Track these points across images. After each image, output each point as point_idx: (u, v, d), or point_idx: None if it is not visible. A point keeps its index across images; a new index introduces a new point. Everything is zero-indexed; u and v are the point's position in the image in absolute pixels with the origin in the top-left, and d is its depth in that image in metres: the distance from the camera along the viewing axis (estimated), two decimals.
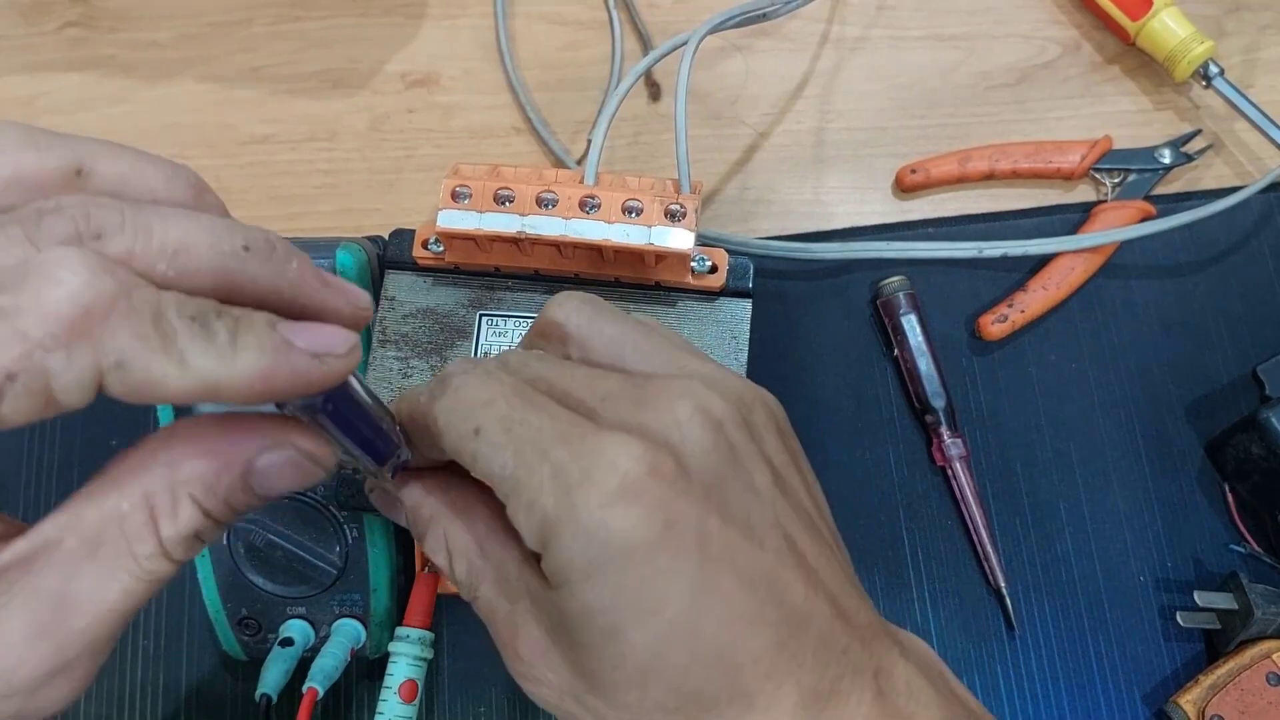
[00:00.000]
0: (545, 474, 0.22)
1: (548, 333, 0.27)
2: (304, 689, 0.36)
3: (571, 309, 0.27)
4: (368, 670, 0.42)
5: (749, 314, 0.39)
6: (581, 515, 0.22)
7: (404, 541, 0.41)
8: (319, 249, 0.38)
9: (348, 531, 0.39)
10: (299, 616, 0.40)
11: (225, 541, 0.39)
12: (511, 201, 0.37)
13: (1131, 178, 0.49)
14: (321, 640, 0.39)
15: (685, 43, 0.42)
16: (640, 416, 0.23)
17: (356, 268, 0.38)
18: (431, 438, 0.25)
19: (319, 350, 0.19)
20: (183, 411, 0.38)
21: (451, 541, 0.26)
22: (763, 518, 0.23)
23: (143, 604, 0.21)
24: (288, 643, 0.38)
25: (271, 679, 0.37)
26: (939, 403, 0.44)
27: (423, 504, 0.26)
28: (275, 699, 0.37)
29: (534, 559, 0.24)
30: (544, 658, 0.24)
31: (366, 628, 0.40)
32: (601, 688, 0.23)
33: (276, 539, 0.39)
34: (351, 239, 0.40)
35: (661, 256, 0.37)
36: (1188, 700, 0.40)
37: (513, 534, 0.25)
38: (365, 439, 0.24)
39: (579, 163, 0.49)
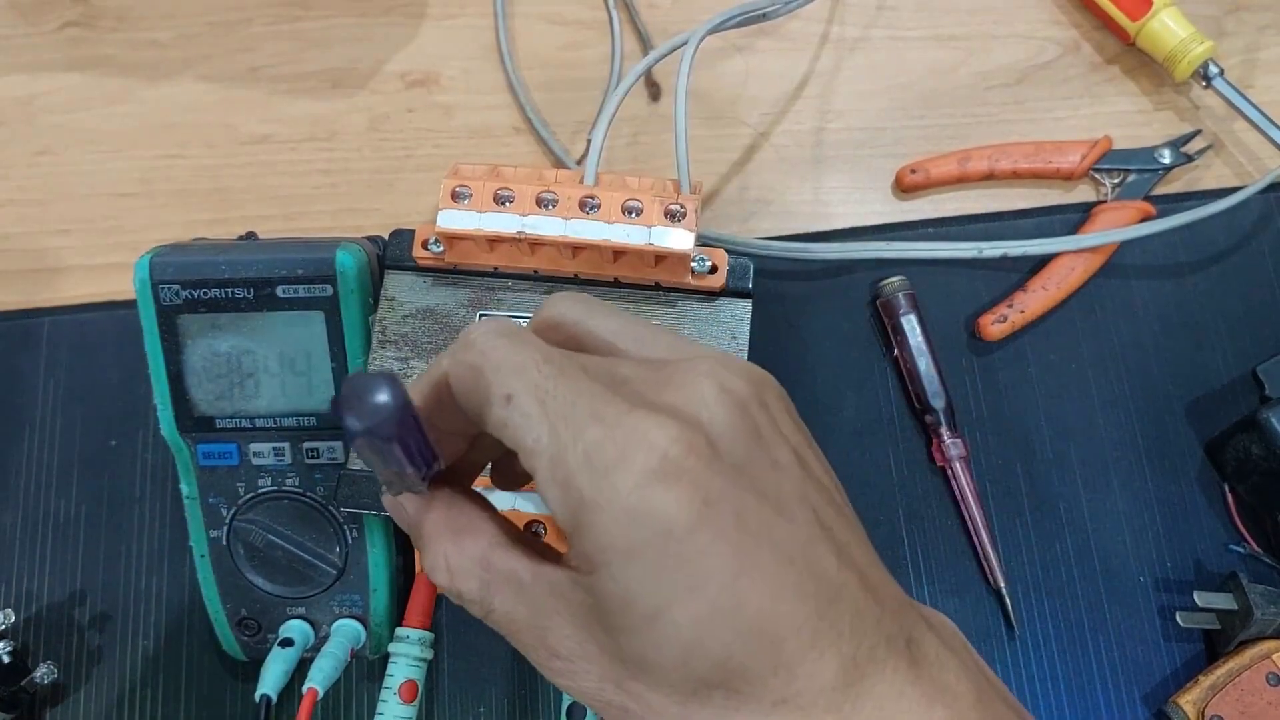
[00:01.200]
0: (580, 453, 0.22)
1: (546, 331, 0.27)
2: (304, 689, 0.36)
3: (568, 305, 0.27)
4: (368, 670, 0.42)
5: (749, 314, 0.39)
6: (620, 497, 0.21)
7: (404, 542, 0.41)
8: (319, 249, 0.38)
9: (348, 532, 0.39)
10: (299, 617, 0.40)
11: (225, 542, 0.39)
12: (511, 201, 0.37)
13: (1131, 178, 0.49)
14: (321, 641, 0.39)
15: (685, 43, 0.42)
16: (665, 397, 0.23)
17: (356, 268, 0.38)
18: (452, 404, 0.24)
19: None
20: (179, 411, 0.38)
21: (453, 559, 0.25)
22: (791, 493, 0.23)
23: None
24: (288, 643, 0.38)
25: (271, 679, 0.37)
26: (939, 403, 0.44)
27: (424, 520, 0.26)
28: (275, 699, 0.37)
29: (548, 557, 0.24)
30: (580, 650, 0.23)
31: (366, 628, 0.40)
32: (644, 671, 0.22)
33: (276, 539, 0.39)
34: (351, 239, 0.39)
35: (661, 257, 0.37)
36: (1187, 700, 0.40)
37: (518, 540, 0.25)
38: (418, 451, 0.23)
39: (579, 163, 0.49)
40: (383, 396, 0.20)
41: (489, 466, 0.30)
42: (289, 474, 0.39)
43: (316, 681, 0.37)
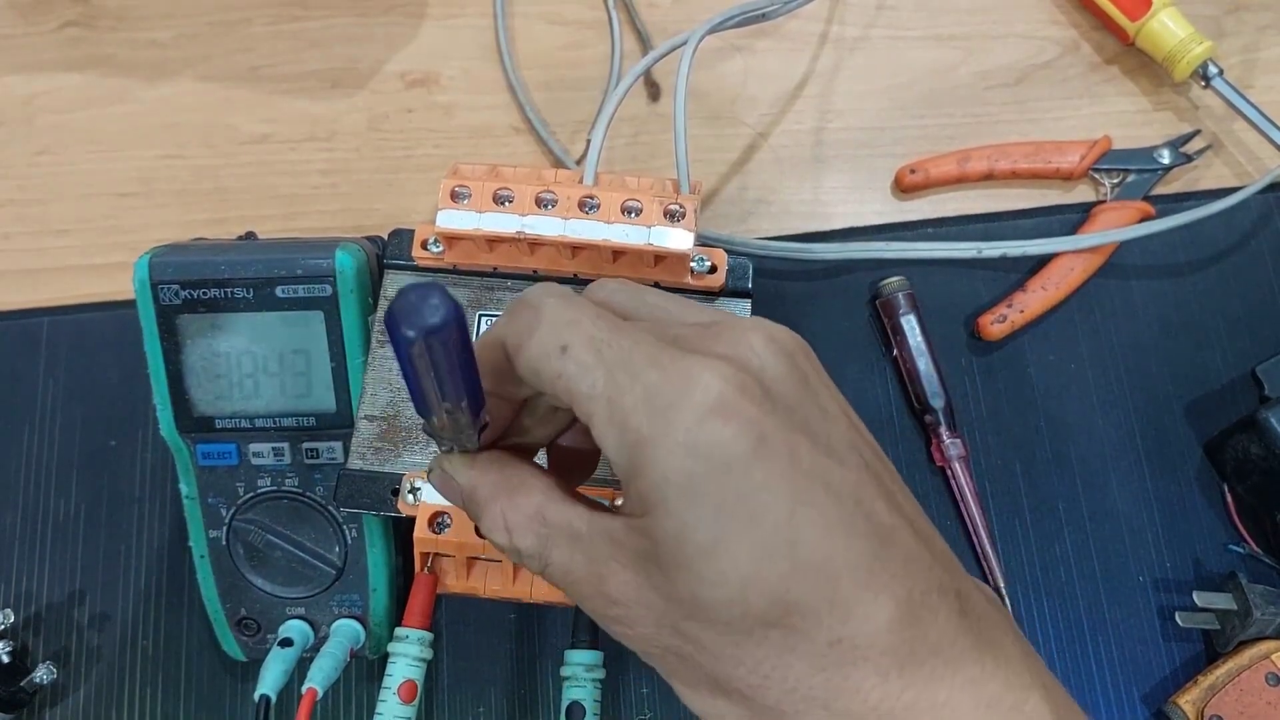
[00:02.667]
0: (638, 394, 0.23)
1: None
2: (303, 689, 0.36)
3: (613, 287, 0.27)
4: (367, 670, 0.42)
5: (749, 314, 0.39)
6: (678, 432, 0.22)
7: (403, 542, 0.41)
8: (318, 249, 0.38)
9: (347, 532, 0.39)
10: (298, 617, 0.40)
11: (225, 542, 0.39)
12: (511, 201, 0.37)
13: (1131, 178, 0.49)
14: (321, 641, 0.39)
15: (685, 43, 0.42)
16: (717, 347, 0.24)
17: (355, 268, 0.38)
18: (507, 364, 0.25)
19: None
20: (179, 409, 0.38)
21: (510, 517, 0.26)
22: (840, 439, 0.24)
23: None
24: (287, 643, 0.38)
25: (271, 679, 0.37)
26: (938, 403, 0.44)
27: (479, 484, 0.27)
28: (275, 699, 0.37)
29: (599, 508, 0.25)
30: (636, 595, 0.24)
31: (366, 628, 0.40)
32: (701, 609, 0.23)
33: (276, 539, 0.39)
34: (351, 239, 0.39)
35: (661, 257, 0.37)
36: (1187, 700, 0.40)
37: (571, 495, 0.26)
38: (470, 377, 0.23)
39: (578, 163, 0.49)
40: (436, 299, 0.20)
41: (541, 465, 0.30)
42: (288, 474, 0.39)
43: (316, 681, 0.37)
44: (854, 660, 0.22)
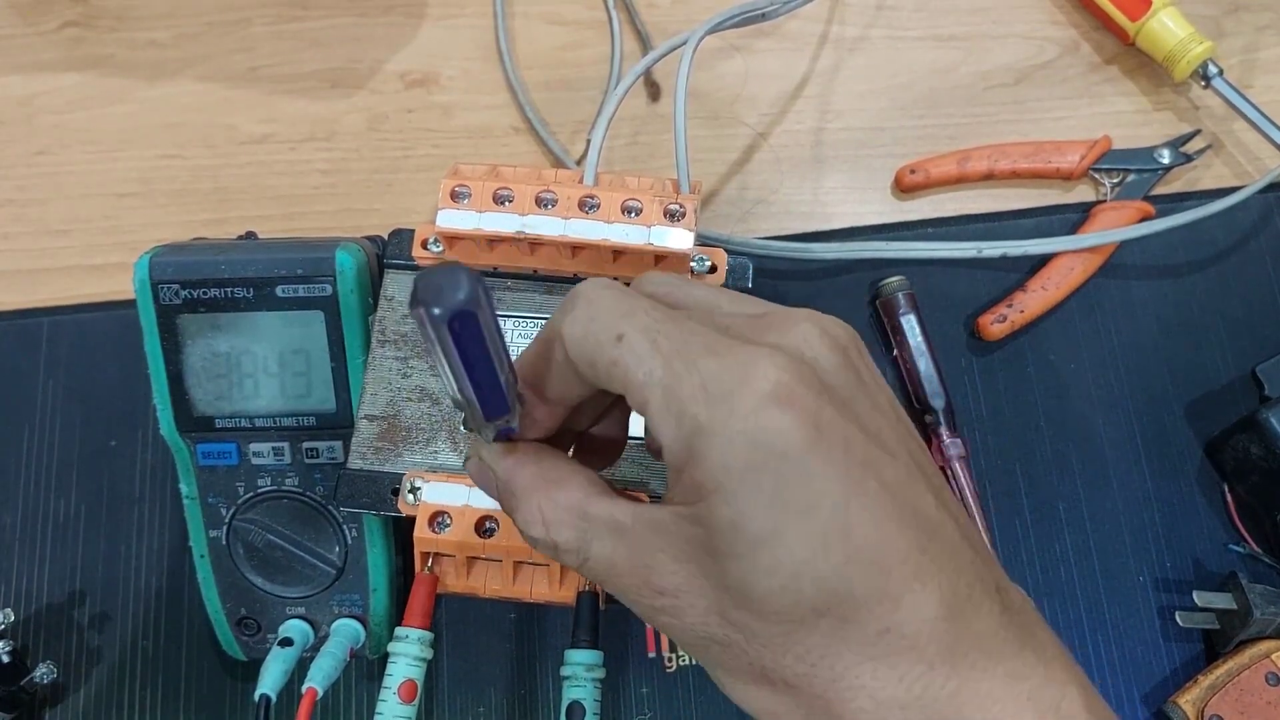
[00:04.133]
0: (696, 382, 0.23)
1: None
2: (303, 689, 0.36)
3: (660, 279, 0.28)
4: (367, 670, 0.42)
5: None
6: (737, 420, 0.22)
7: (403, 542, 0.41)
8: (318, 249, 0.38)
9: (347, 531, 0.39)
10: (299, 616, 0.40)
11: (225, 542, 0.39)
12: (511, 201, 0.37)
13: (1130, 178, 0.49)
14: (321, 640, 0.39)
15: (684, 43, 0.42)
16: (770, 338, 0.24)
17: (355, 268, 0.38)
18: (562, 357, 0.25)
19: None
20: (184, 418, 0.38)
21: (548, 511, 0.26)
22: (890, 434, 0.24)
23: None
24: (287, 643, 0.38)
25: (271, 679, 0.37)
26: (938, 403, 0.44)
27: (516, 476, 0.27)
28: (275, 699, 0.37)
29: (639, 500, 0.25)
30: (686, 584, 0.24)
31: (366, 628, 0.40)
32: (752, 598, 0.23)
33: (276, 539, 0.39)
34: (351, 239, 0.39)
35: (661, 256, 0.37)
36: (1187, 700, 0.40)
37: (609, 489, 0.26)
38: (483, 374, 0.23)
39: (578, 163, 0.49)
40: (461, 275, 0.20)
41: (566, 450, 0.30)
42: (288, 474, 0.39)
43: (316, 681, 0.37)
44: (901, 650, 0.22)
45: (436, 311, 0.20)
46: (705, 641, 0.24)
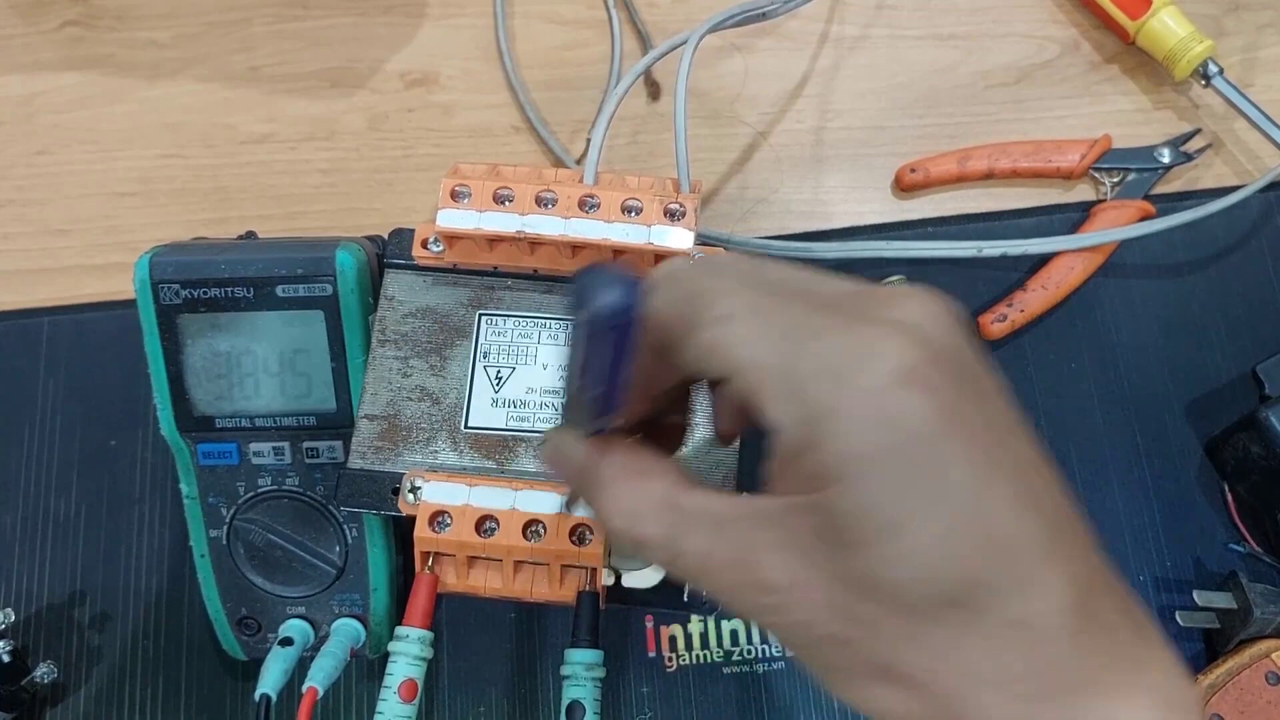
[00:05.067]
0: (815, 362, 0.21)
1: None
2: (304, 689, 0.36)
3: (732, 258, 0.26)
4: (367, 670, 0.42)
5: None
6: (863, 401, 0.21)
7: (403, 541, 0.41)
8: (318, 248, 0.38)
9: (347, 531, 0.39)
10: (299, 616, 0.40)
11: (225, 541, 0.39)
12: (511, 201, 0.37)
13: (1131, 177, 0.49)
14: (321, 640, 0.39)
15: (684, 42, 0.42)
16: (886, 313, 0.22)
17: (356, 267, 0.38)
18: (651, 353, 0.24)
19: None
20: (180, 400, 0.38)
21: (634, 502, 0.24)
22: (1008, 416, 0.23)
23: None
24: (287, 643, 0.38)
25: (271, 679, 0.37)
26: None
27: (600, 463, 0.25)
28: (275, 699, 0.37)
29: (735, 492, 0.24)
30: (800, 578, 0.22)
31: (366, 627, 0.40)
32: (877, 591, 0.21)
33: (276, 539, 0.39)
34: (351, 238, 0.39)
35: (661, 256, 0.37)
36: None
37: (697, 481, 0.24)
38: (623, 376, 0.23)
39: (578, 162, 0.49)
40: (631, 278, 0.20)
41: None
42: (289, 473, 0.39)
43: (316, 681, 0.37)
44: (1031, 641, 0.21)
45: (605, 313, 0.20)
46: (816, 639, 0.22)
